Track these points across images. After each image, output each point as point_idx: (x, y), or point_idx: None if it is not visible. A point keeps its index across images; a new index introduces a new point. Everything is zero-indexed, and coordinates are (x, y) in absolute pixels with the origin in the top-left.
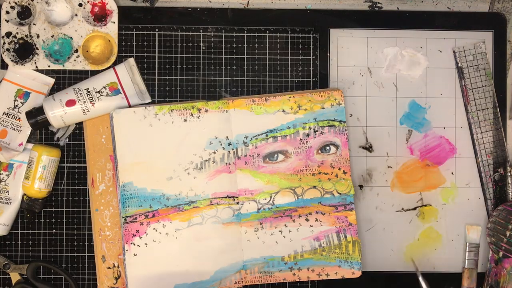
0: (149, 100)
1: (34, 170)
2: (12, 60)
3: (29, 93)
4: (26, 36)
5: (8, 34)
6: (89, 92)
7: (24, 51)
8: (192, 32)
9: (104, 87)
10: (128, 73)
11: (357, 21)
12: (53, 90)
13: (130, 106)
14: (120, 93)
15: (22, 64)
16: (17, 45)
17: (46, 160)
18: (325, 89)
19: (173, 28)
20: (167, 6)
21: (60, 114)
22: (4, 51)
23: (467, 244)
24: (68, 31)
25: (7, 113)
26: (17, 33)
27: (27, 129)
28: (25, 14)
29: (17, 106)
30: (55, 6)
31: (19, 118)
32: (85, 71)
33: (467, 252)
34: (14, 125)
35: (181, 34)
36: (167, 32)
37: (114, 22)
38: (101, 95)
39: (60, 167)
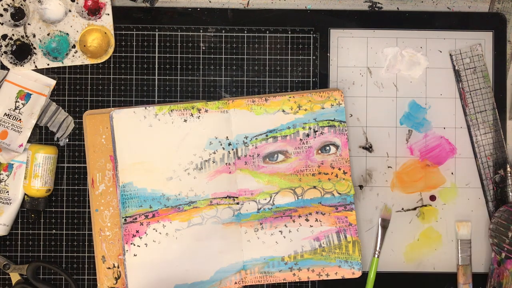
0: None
1: (30, 169)
2: (10, 63)
3: (30, 94)
4: (22, 37)
5: (4, 36)
6: (7, 114)
7: (22, 52)
8: (192, 32)
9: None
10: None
11: (357, 21)
12: (55, 91)
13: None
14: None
15: (21, 65)
16: (14, 47)
17: (40, 158)
18: (325, 89)
19: (173, 28)
20: (167, 6)
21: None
22: (2, 54)
23: (459, 241)
24: (63, 28)
25: (8, 114)
26: (13, 34)
27: (27, 131)
28: (18, 15)
29: (18, 107)
30: (48, 4)
31: (20, 119)
32: (85, 66)
33: (459, 249)
34: (15, 126)
35: (181, 34)
36: (167, 32)
37: (108, 14)
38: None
39: (60, 167)
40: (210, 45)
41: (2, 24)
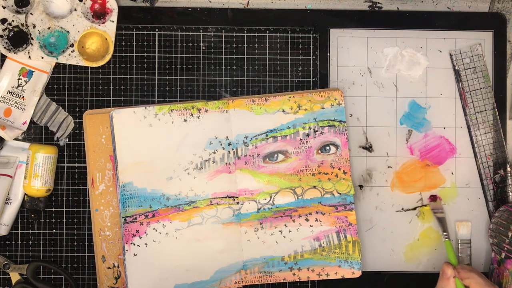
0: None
1: (30, 169)
2: (4, 47)
3: (32, 71)
4: (22, 25)
5: (4, 20)
6: (10, 92)
7: (19, 39)
8: (192, 32)
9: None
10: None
11: (357, 21)
12: (55, 91)
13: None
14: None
15: (14, 53)
16: (12, 33)
17: (40, 157)
18: (325, 89)
19: (173, 28)
20: (167, 6)
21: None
22: None
23: (459, 240)
24: (65, 25)
25: (11, 92)
26: (13, 20)
27: (30, 108)
28: (22, 2)
29: (20, 84)
30: None
31: (23, 97)
32: (85, 66)
33: (459, 249)
34: (18, 103)
35: (181, 34)
36: (167, 32)
37: (113, 21)
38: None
39: (60, 167)
40: (210, 45)
41: (4, 7)
